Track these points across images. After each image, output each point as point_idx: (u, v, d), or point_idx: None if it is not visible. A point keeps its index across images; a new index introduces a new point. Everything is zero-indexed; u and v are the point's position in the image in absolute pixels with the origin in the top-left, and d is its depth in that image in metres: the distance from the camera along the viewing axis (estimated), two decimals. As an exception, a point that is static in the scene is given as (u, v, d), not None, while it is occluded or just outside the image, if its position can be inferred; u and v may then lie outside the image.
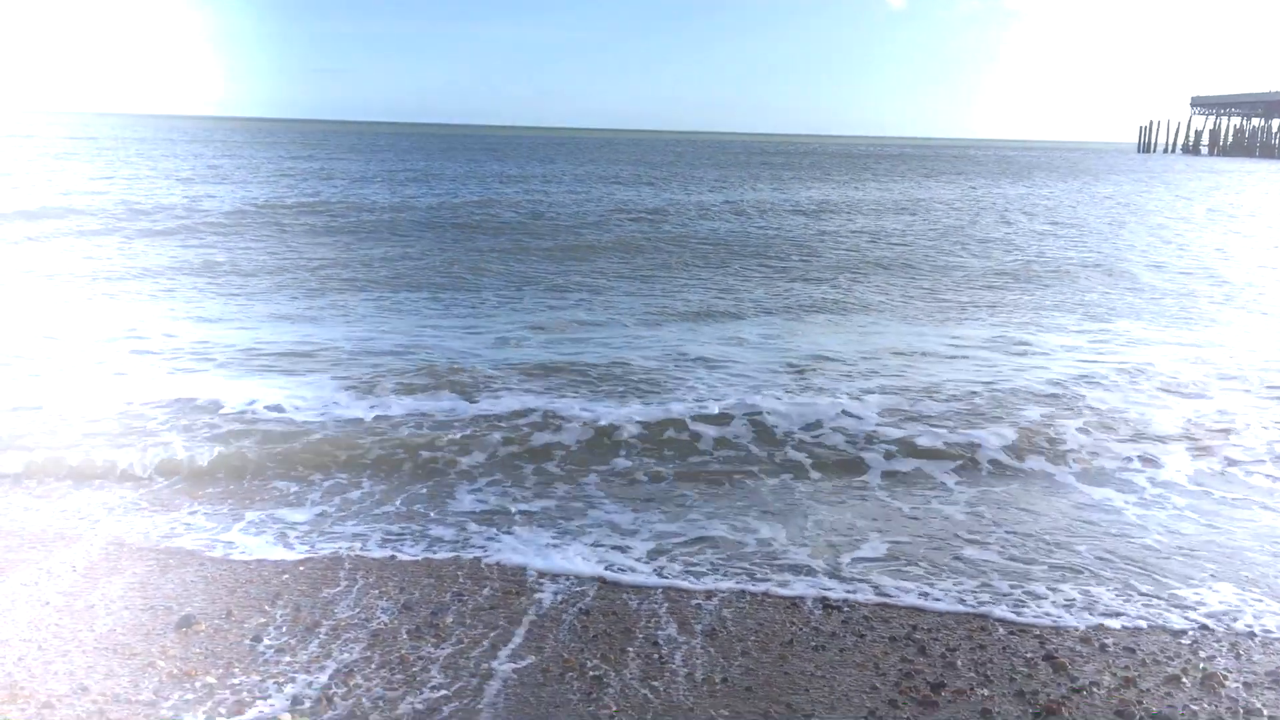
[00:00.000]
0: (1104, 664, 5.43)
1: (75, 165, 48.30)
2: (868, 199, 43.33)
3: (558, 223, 28.81)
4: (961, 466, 8.58)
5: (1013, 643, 5.68)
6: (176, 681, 4.94)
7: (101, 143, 79.41)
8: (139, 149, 70.54)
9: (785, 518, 7.55)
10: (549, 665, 5.28)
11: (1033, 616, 6.02)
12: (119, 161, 53.48)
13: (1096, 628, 5.89)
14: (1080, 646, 5.64)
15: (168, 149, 72.39)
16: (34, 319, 13.56)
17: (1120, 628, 5.90)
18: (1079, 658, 5.50)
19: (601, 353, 12.44)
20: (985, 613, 6.06)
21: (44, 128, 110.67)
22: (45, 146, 66.81)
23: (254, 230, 24.53)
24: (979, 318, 15.66)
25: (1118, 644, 5.68)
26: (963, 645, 5.63)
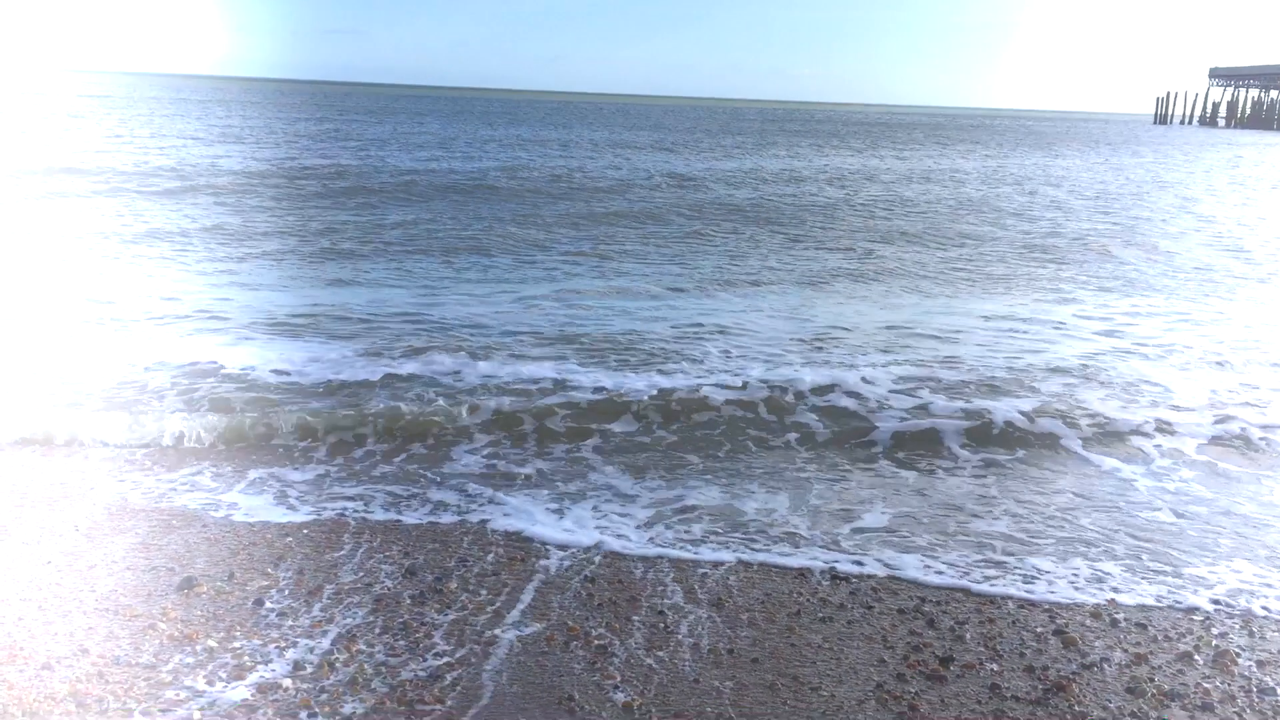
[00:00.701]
0: (1115, 640, 5.36)
1: (89, 124, 48.08)
2: (886, 167, 42.92)
3: (576, 189, 28.50)
4: (972, 436, 8.47)
5: (1022, 617, 5.61)
6: (177, 644, 4.90)
7: (113, 102, 79.06)
8: (152, 108, 70.23)
9: (793, 487, 7.48)
10: (553, 633, 5.22)
11: (1043, 591, 5.95)
12: (133, 121, 53.23)
13: (1108, 603, 5.81)
14: (1091, 622, 5.57)
15: (181, 108, 72.04)
16: (43, 280, 13.50)
17: (1132, 603, 5.82)
18: (1090, 633, 5.43)
19: (616, 320, 12.31)
20: (997, 589, 5.98)
21: (52, 86, 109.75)
22: (57, 105, 66.39)
23: (266, 193, 24.27)
24: (1002, 289, 15.46)
25: (1129, 619, 5.61)
26: (972, 619, 5.55)
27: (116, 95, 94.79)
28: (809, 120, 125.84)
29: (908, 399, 9.25)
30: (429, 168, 32.40)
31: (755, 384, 9.43)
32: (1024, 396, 9.48)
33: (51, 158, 29.31)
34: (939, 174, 40.39)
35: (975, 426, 8.57)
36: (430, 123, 68.09)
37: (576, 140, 54.96)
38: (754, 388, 9.32)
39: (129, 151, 33.25)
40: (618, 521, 6.78)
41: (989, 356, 11.05)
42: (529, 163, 36.80)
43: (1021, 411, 8.94)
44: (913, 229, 22.59)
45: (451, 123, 69.65)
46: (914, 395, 9.36)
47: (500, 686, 4.70)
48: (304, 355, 10.02)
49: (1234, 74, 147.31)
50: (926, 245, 20.12)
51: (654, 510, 6.99)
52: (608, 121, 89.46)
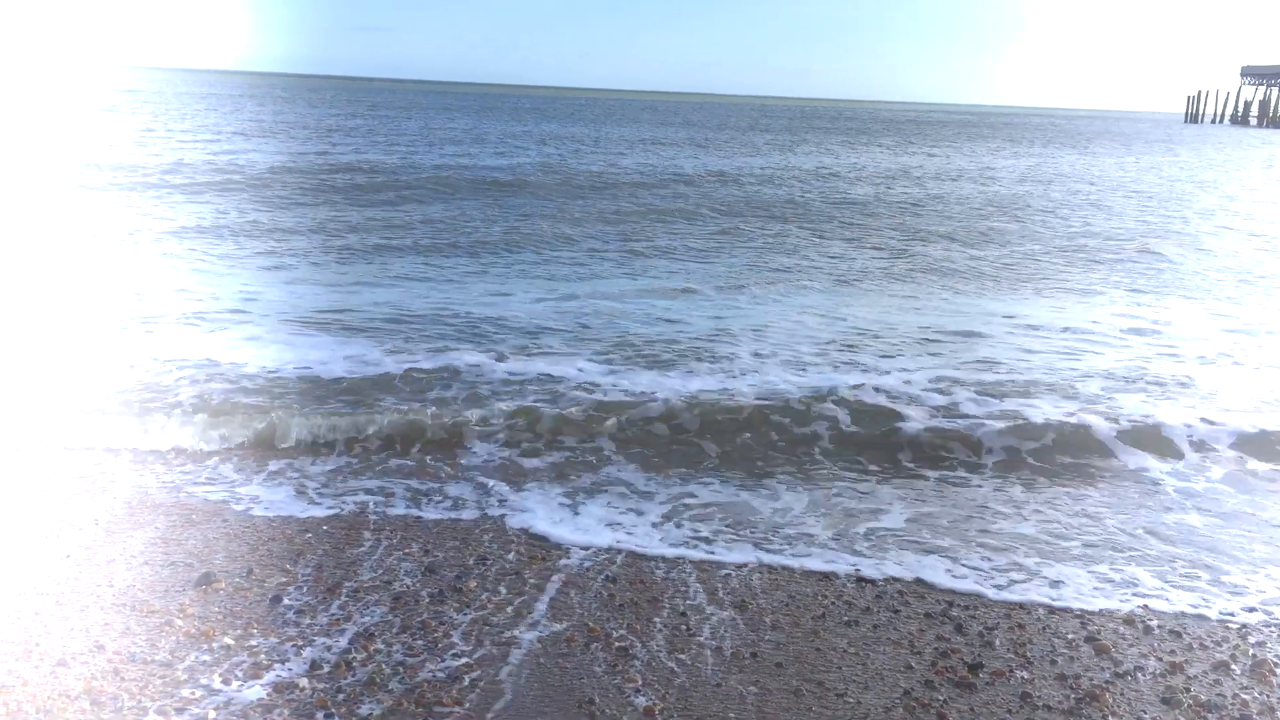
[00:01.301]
0: (1149, 648, 5.23)
1: (122, 119, 48.34)
2: (917, 165, 42.46)
3: (608, 185, 28.28)
4: (998, 438, 8.28)
5: (1053, 623, 5.48)
6: (194, 641, 4.85)
7: (145, 96, 79.51)
8: (183, 103, 70.57)
9: (818, 488, 7.38)
10: (574, 634, 5.14)
11: (1071, 596, 5.81)
12: (166, 115, 53.46)
13: (1141, 610, 5.67)
14: (1124, 629, 5.44)
15: (212, 103, 72.18)
16: (74, 275, 13.52)
17: (1166, 610, 5.68)
18: (1122, 640, 5.30)
19: (645, 318, 12.18)
20: (1025, 595, 5.86)
21: (81, 80, 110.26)
22: (89, 99, 66.70)
23: (296, 188, 24.11)
24: (1038, 289, 15.19)
25: (1163, 627, 5.47)
26: (1001, 624, 5.43)
27: (148, 90, 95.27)
28: (837, 117, 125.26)
29: (938, 398, 9.10)
30: (460, 164, 32.14)
31: (781, 385, 9.31)
32: (1054, 398, 9.32)
33: (84, 152, 29.43)
34: (972, 172, 40.05)
35: (1002, 429, 8.40)
36: (459, 118, 68.09)
37: (607, 137, 54.76)
38: (780, 389, 9.19)
39: (161, 146, 33.33)
40: (636, 520, 6.70)
41: (1022, 357, 10.86)
42: (560, 159, 36.58)
43: (1049, 414, 8.79)
44: (945, 227, 22.36)
45: (481, 119, 69.57)
46: (944, 395, 9.21)
47: (519, 688, 4.62)
48: (327, 352, 9.95)
49: (1266, 73, 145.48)
50: (959, 244, 19.88)
51: (672, 508, 6.90)
52: (636, 118, 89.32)
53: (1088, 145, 70.97)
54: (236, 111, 62.67)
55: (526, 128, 60.53)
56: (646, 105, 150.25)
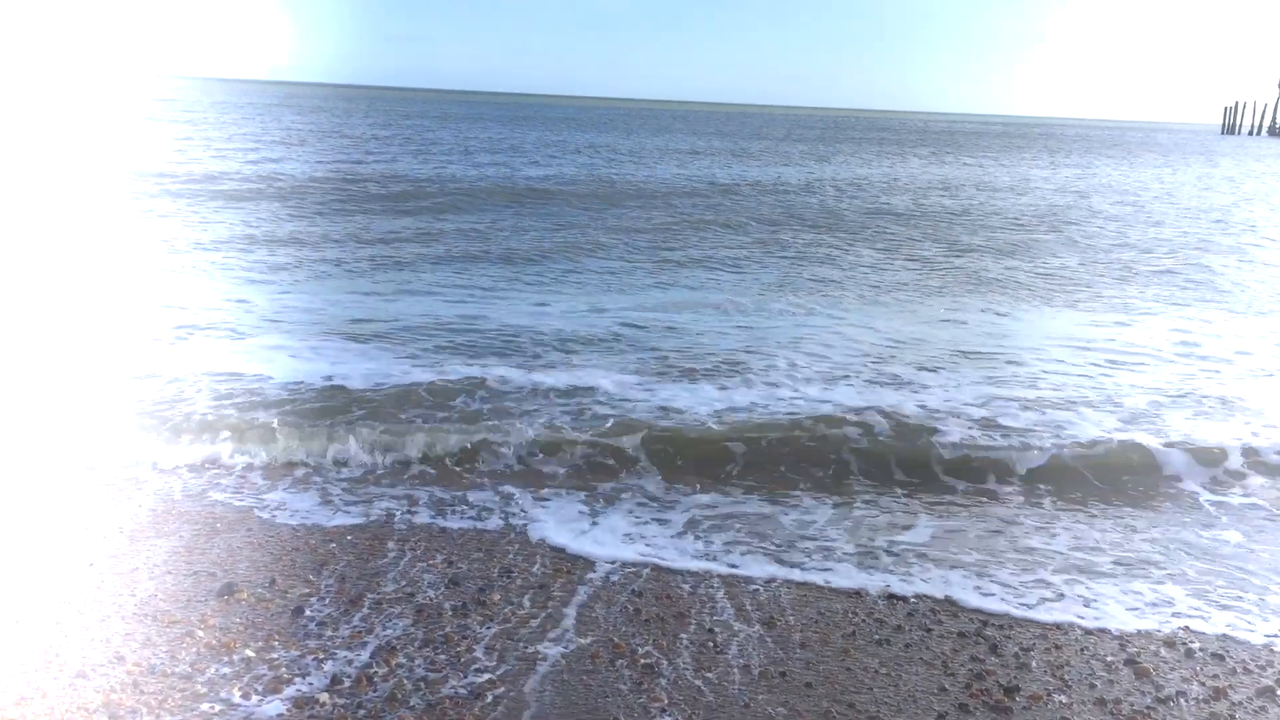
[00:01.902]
0: (1191, 672, 5.07)
1: (162, 128, 48.73)
2: (954, 175, 41.91)
3: (640, 195, 28.09)
4: (1032, 456, 8.10)
5: (1091, 644, 5.34)
6: (214, 653, 4.79)
7: (182, 106, 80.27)
8: (221, 113, 71.09)
9: (848, 504, 7.26)
10: (599, 650, 5.04)
11: (1106, 615, 5.66)
12: (204, 125, 53.84)
13: (1181, 631, 5.52)
14: (1165, 651, 5.28)
15: (249, 113, 72.47)
16: (110, 285, 13.55)
17: (1209, 632, 5.52)
18: (1163, 664, 5.14)
19: (679, 330, 11.97)
20: (1060, 615, 5.72)
21: (121, 90, 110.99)
22: (129, 109, 67.02)
23: (330, 199, 23.87)
24: (1082, 302, 14.89)
25: (1205, 650, 5.31)
26: (1037, 645, 5.29)
27: (186, 100, 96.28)
28: (870, 127, 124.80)
29: (976, 412, 8.92)
30: (494, 173, 31.98)
31: (815, 399, 9.15)
32: (1091, 414, 9.13)
33: (124, 161, 29.60)
34: (1009, 183, 39.68)
35: (1039, 446, 8.21)
36: (493, 128, 68.20)
37: (642, 146, 54.63)
38: (813, 403, 9.02)
39: (199, 155, 33.48)
40: (661, 532, 6.60)
41: (1061, 372, 10.58)
42: (593, 169, 36.45)
43: (1087, 431, 8.62)
44: (981, 239, 22.12)
45: (514, 128, 69.63)
46: (982, 409, 9.02)
47: (543, 706, 4.53)
48: (356, 363, 9.82)
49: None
50: (996, 255, 19.61)
51: (699, 522, 6.80)
52: (669, 127, 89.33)
53: (1125, 156, 70.31)
54: (273, 121, 63.08)
55: (560, 137, 60.62)
56: (678, 115, 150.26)
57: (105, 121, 51.00)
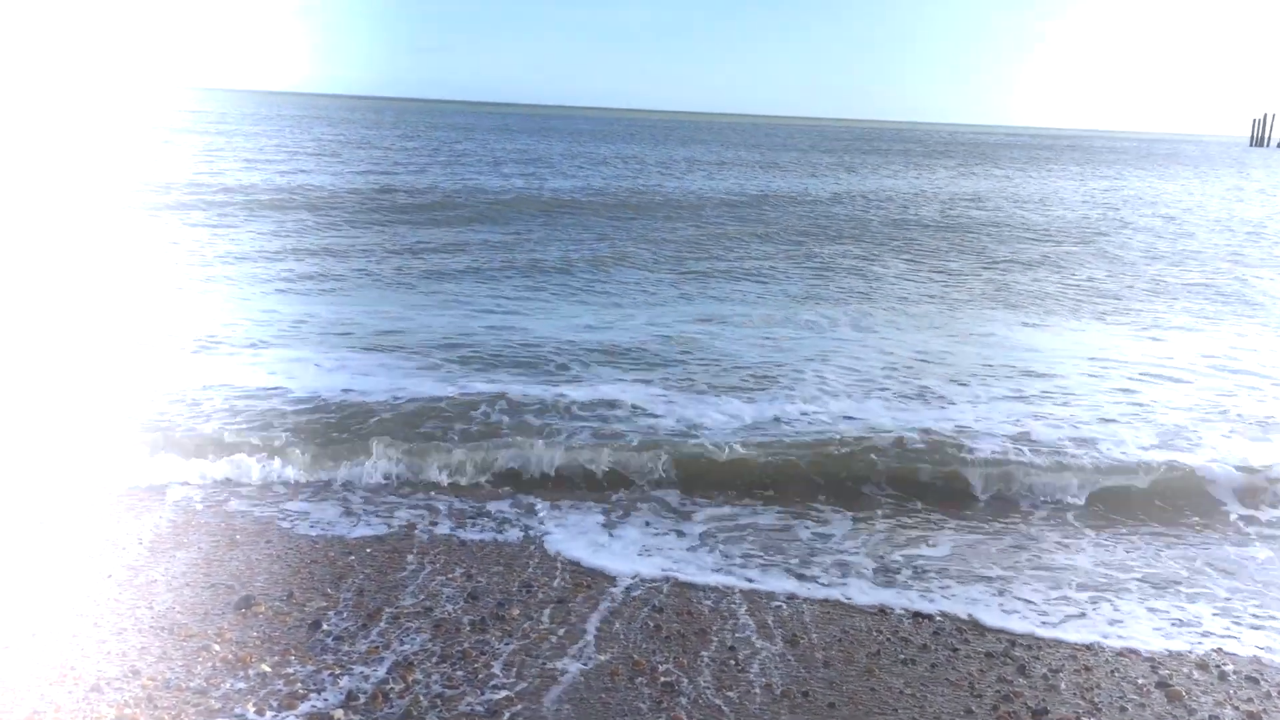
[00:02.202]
0: (1225, 695, 4.95)
1: (189, 140, 49.04)
2: (985, 188, 41.33)
3: (667, 206, 27.90)
4: (1056, 472, 7.95)
5: (1121, 665, 5.22)
6: (230, 668, 4.74)
7: (211, 118, 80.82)
8: (251, 125, 71.44)
9: (873, 522, 7.15)
10: (618, 667, 4.96)
11: (1131, 635, 5.54)
12: (234, 136, 54.08)
13: (1214, 652, 5.39)
14: (1197, 673, 5.16)
15: (279, 125, 72.53)
16: (137, 301, 13.56)
17: (1239, 653, 5.39)
18: (1196, 686, 5.02)
19: (707, 343, 11.83)
20: (1089, 635, 5.60)
21: (150, 103, 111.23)
22: (158, 121, 66.99)
23: (355, 211, 23.75)
24: (1116, 319, 14.57)
25: (1239, 672, 5.18)
26: (1066, 666, 5.18)
27: (214, 112, 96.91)
28: (896, 139, 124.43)
29: (1006, 429, 8.77)
30: (519, 185, 31.81)
31: (840, 414, 9.02)
32: (1122, 431, 8.98)
33: (153, 173, 29.65)
34: (1037, 195, 39.41)
35: (1064, 463, 8.05)
36: (520, 139, 68.32)
37: (670, 158, 54.57)
38: (838, 418, 8.91)
39: (227, 167, 33.36)
40: (681, 548, 6.53)
41: (1091, 389, 10.37)
42: (618, 180, 36.38)
43: (1117, 450, 8.47)
44: (1009, 251, 21.94)
45: (542, 139, 69.66)
46: (1014, 426, 8.83)
47: (560, 725, 4.46)
48: (377, 377, 9.72)
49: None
50: (1028, 268, 19.38)
51: (720, 537, 6.73)
52: (695, 139, 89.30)
53: (1153, 168, 69.70)
54: (303, 132, 63.40)
55: (587, 148, 60.63)
56: (703, 126, 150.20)
57: (137, 133, 51.39)
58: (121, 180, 26.93)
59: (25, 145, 37.70)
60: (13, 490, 6.87)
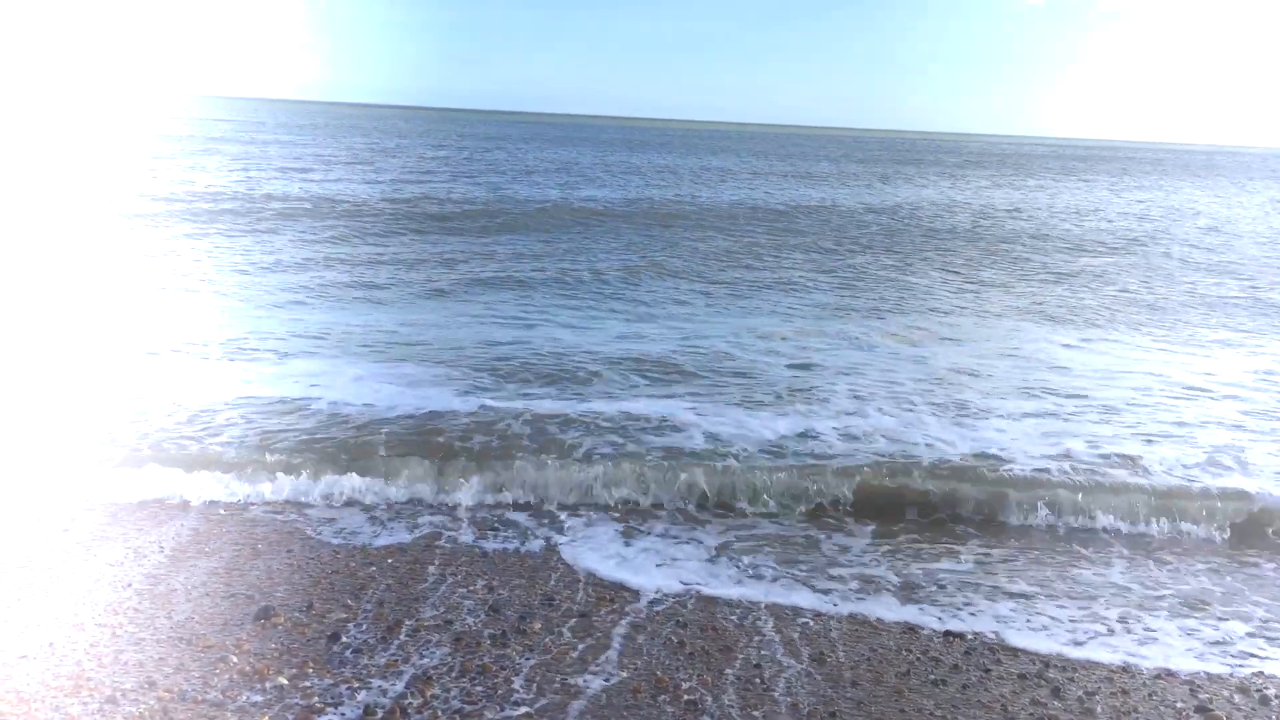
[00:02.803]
0: (1267, 721, 4.78)
1: (224, 149, 49.39)
2: (1026, 200, 40.62)
3: (701, 216, 27.59)
4: (1087, 490, 7.77)
5: (1159, 689, 5.06)
6: (247, 680, 4.67)
7: (246, 126, 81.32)
8: (287, 134, 71.77)
9: (903, 541, 7.01)
10: (640, 684, 4.86)
11: (1173, 658, 5.38)
12: (270, 145, 54.30)
13: (1254, 676, 5.22)
14: (1238, 698, 5.00)
15: (312, 135, 72.26)
16: (167, 311, 13.57)
17: (1282, 677, 5.22)
18: (1237, 711, 4.86)
19: (736, 355, 11.67)
20: (1125, 657, 5.44)
21: (165, 112, 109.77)
22: (179, 133, 65.13)
23: (386, 220, 23.51)
24: (1160, 335, 14.24)
25: (1281, 697, 5.01)
26: (1102, 689, 5.03)
27: (249, 120, 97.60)
28: (929, 148, 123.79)
29: (1042, 447, 8.58)
30: (550, 195, 31.46)
31: (871, 431, 8.82)
32: (1159, 450, 8.79)
33: (182, 183, 29.62)
34: (1077, 205, 39.02)
35: (1099, 480, 7.85)
36: (549, 149, 68.08)
37: (706, 166, 54.42)
38: (870, 436, 8.72)
39: (260, 176, 33.41)
40: (704, 560, 6.43)
41: (1134, 403, 10.15)
42: (647, 190, 36.19)
43: (1152, 473, 8.29)
44: (1048, 262, 21.67)
45: (570, 149, 69.46)
46: (1051, 445, 8.61)
47: (580, 743, 4.36)
48: (399, 390, 9.56)
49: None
50: (1065, 279, 19.09)
51: (743, 551, 6.61)
52: (726, 148, 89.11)
53: (1191, 179, 68.82)
54: (336, 141, 63.60)
55: (618, 157, 60.49)
56: (732, 136, 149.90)
57: (176, 141, 51.81)
58: (165, 189, 27.01)
59: (57, 156, 38.02)
60: (37, 498, 6.85)
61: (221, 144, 52.37)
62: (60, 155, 37.22)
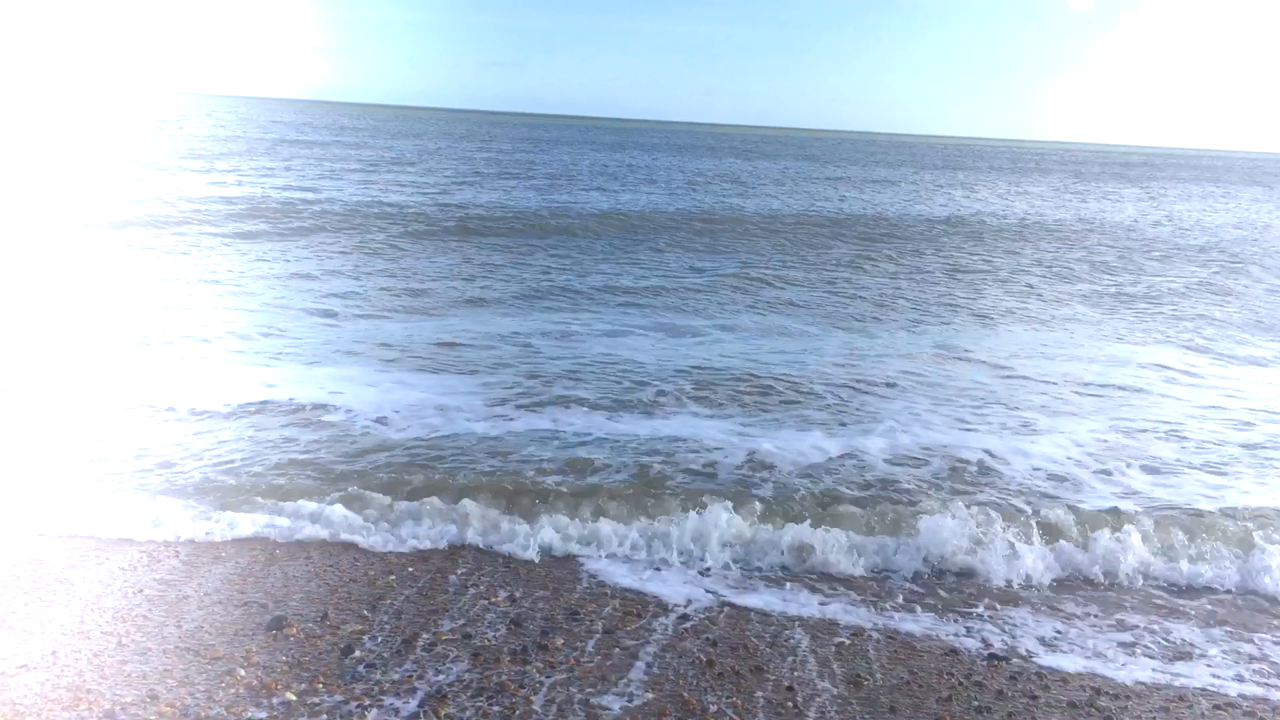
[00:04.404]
0: (1338, 757, 4.45)
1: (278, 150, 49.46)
2: (1099, 210, 39.42)
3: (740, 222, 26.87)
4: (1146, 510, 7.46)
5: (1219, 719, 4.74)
6: (253, 694, 4.46)
7: (296, 127, 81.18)
8: (334, 136, 71.62)
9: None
10: (666, 706, 4.60)
11: (1229, 684, 5.06)
12: (331, 148, 53.91)
13: (1323, 706, 4.89)
14: (1305, 732, 4.67)
15: (355, 138, 70.51)
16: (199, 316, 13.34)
17: (1355, 709, 4.88)
18: (1306, 747, 4.53)
19: (781, 365, 11.25)
20: (1179, 682, 5.13)
21: (192, 113, 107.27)
22: (206, 134, 62.79)
23: (424, 227, 22.40)
24: (1220, 346, 13.84)
25: (1353, 730, 4.68)
26: (1159, 719, 4.71)
27: (297, 122, 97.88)
28: (993, 155, 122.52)
29: (1092, 463, 8.27)
30: (592, 202, 29.99)
31: (920, 445, 8.52)
32: (1241, 465, 8.44)
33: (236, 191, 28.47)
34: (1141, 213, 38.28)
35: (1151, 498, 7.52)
36: (589, 152, 67.30)
37: (752, 171, 53.76)
38: (918, 451, 8.41)
39: (311, 182, 32.14)
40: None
41: (1189, 417, 9.79)
42: (690, 195, 35.41)
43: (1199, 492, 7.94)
44: (1111, 264, 21.23)
45: (615, 153, 68.03)
46: (1099, 462, 8.30)
47: (601, 770, 4.11)
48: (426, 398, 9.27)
49: None
50: (1131, 281, 18.67)
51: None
52: (774, 152, 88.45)
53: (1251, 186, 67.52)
54: (382, 144, 63.22)
55: (658, 160, 60.04)
56: (785, 140, 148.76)
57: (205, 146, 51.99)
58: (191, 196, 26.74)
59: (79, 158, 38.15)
60: (51, 501, 6.69)
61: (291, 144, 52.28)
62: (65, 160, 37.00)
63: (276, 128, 78.84)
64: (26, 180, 26.45)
